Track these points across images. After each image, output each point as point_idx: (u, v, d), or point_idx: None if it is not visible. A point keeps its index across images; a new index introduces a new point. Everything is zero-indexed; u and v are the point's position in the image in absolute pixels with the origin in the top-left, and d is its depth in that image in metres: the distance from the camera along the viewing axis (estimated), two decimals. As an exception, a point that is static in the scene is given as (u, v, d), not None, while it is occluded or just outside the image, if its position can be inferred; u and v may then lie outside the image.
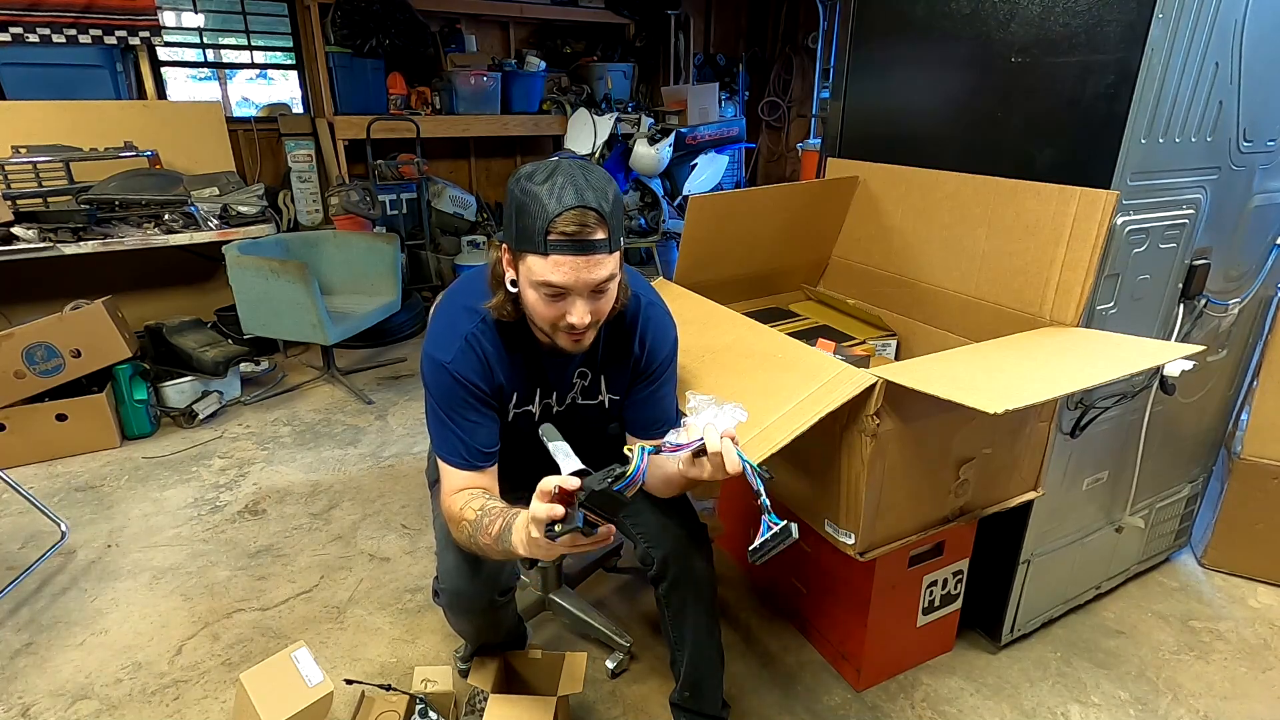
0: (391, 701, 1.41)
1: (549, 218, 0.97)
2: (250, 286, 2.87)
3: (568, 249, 0.99)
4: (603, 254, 1.02)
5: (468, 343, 1.15)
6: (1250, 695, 1.67)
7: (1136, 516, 1.81)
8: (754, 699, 1.63)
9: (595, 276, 1.02)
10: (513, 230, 1.03)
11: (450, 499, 1.16)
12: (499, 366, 1.18)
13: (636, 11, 4.99)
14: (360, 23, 3.80)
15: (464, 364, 1.14)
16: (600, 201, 1.00)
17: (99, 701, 1.62)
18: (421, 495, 2.41)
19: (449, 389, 1.15)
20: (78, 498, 2.40)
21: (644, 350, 1.26)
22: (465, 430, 1.16)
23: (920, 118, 1.70)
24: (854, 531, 1.33)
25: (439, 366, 1.14)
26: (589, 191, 0.99)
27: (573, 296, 1.03)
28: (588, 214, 0.98)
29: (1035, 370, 1.21)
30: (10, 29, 3.17)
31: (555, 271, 1.00)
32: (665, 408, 1.30)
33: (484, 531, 1.06)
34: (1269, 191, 1.59)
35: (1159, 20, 1.21)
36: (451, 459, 1.17)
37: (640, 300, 1.25)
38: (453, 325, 1.16)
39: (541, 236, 0.98)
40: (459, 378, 1.14)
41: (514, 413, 1.27)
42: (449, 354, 1.14)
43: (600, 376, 1.29)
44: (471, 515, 1.10)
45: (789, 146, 5.80)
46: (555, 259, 1.00)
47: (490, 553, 1.09)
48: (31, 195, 2.99)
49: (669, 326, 1.28)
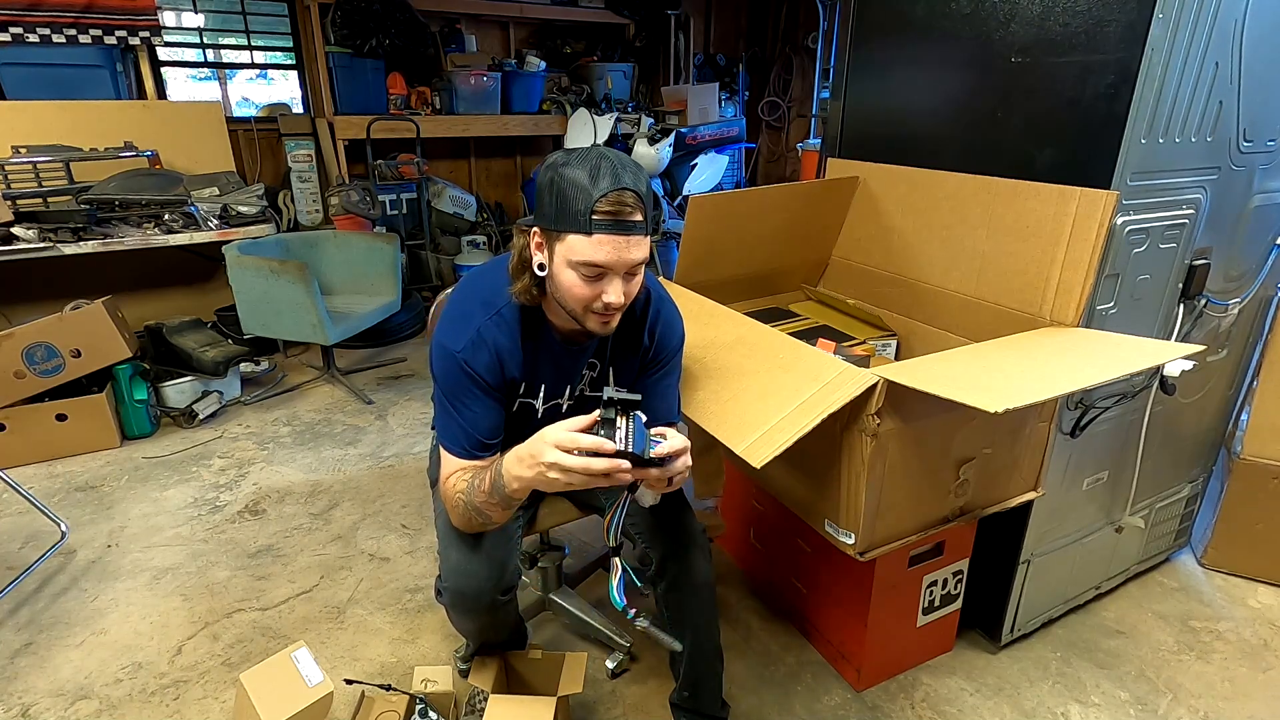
0: (391, 701, 1.41)
1: (593, 199, 1.01)
2: (250, 286, 2.87)
3: (610, 228, 1.02)
4: (640, 235, 1.06)
5: (480, 335, 1.17)
6: (1250, 695, 1.67)
7: (1136, 516, 1.81)
8: (754, 699, 1.63)
9: (634, 257, 1.06)
10: (551, 212, 1.06)
11: (447, 482, 1.19)
12: (510, 360, 1.20)
13: (636, 11, 4.99)
14: (360, 23, 3.80)
15: (474, 356, 1.16)
16: (638, 185, 1.04)
17: (99, 701, 1.62)
18: (421, 495, 2.41)
19: (456, 378, 1.17)
20: (78, 498, 2.40)
21: (654, 341, 1.30)
22: (468, 420, 1.18)
23: (920, 118, 1.70)
24: (854, 531, 1.33)
25: (449, 354, 1.16)
26: (627, 175, 1.03)
27: (611, 276, 1.07)
28: (628, 194, 1.02)
29: (1035, 370, 1.21)
30: (10, 29, 3.17)
31: (598, 250, 1.03)
32: (668, 400, 1.33)
33: (477, 491, 1.11)
34: (1269, 191, 1.59)
35: (1159, 20, 1.21)
36: (452, 447, 1.20)
37: (651, 293, 1.29)
38: (467, 316, 1.18)
39: (586, 216, 1.02)
40: (467, 369, 1.16)
41: (520, 403, 1.29)
42: (460, 344, 1.16)
43: (610, 368, 1.32)
44: (463, 486, 1.14)
45: (789, 146, 5.80)
46: (599, 238, 1.03)
47: (489, 513, 1.12)
48: (31, 195, 2.99)
49: (678, 320, 1.33)
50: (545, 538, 1.75)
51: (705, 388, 1.38)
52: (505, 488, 1.05)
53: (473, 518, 1.15)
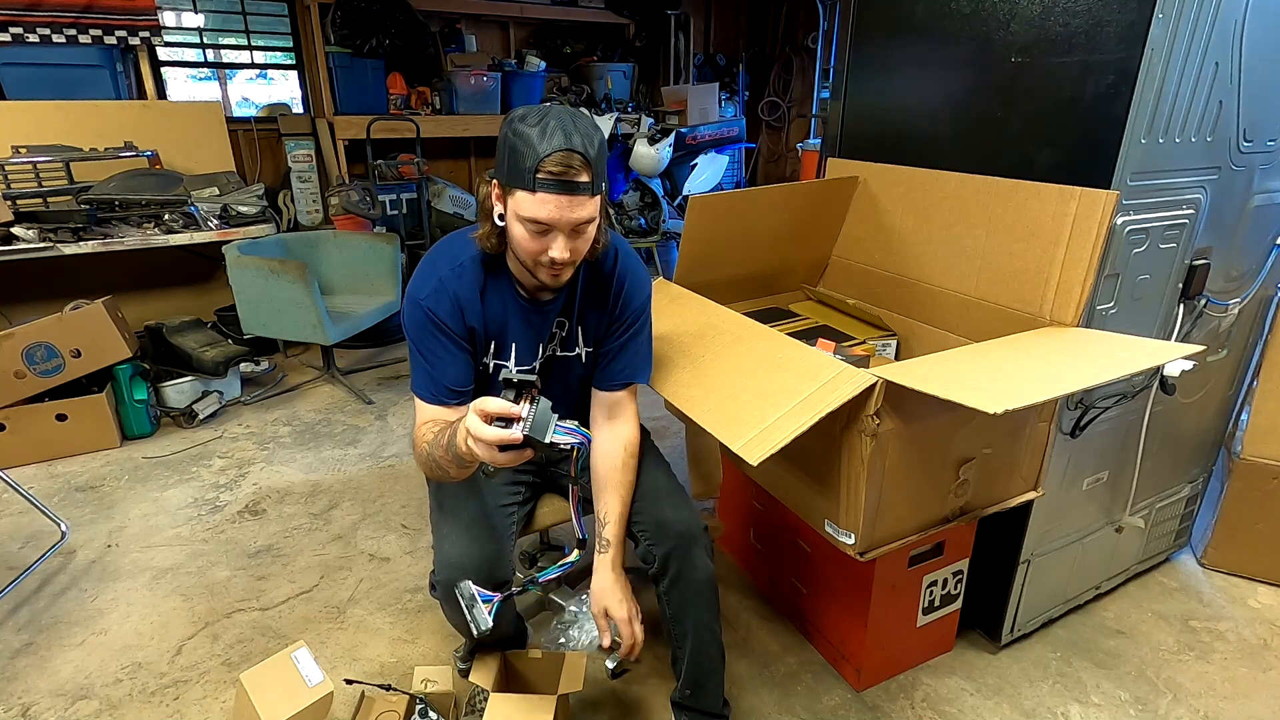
0: (391, 701, 1.41)
1: (538, 158, 1.05)
2: (250, 286, 2.87)
3: (554, 188, 1.07)
4: (585, 195, 1.09)
5: (442, 283, 1.24)
6: (1250, 695, 1.67)
7: (1136, 516, 1.81)
8: (754, 699, 1.63)
9: (577, 216, 1.10)
10: (504, 168, 1.11)
11: (418, 430, 1.24)
12: (470, 309, 1.26)
13: (636, 11, 4.99)
14: (360, 23, 3.80)
15: (437, 303, 1.23)
16: (586, 146, 1.07)
17: (99, 701, 1.62)
18: (421, 495, 2.41)
19: (422, 323, 1.24)
20: (78, 498, 2.40)
21: (619, 298, 1.34)
22: (435, 366, 1.25)
23: (920, 118, 1.70)
24: (854, 531, 1.33)
25: (414, 302, 1.25)
26: (576, 136, 1.06)
27: (555, 233, 1.11)
28: (574, 157, 1.06)
29: (1035, 370, 1.21)
30: (10, 29, 3.17)
31: (541, 208, 1.08)
32: (634, 362, 1.37)
33: (438, 445, 1.14)
34: (1269, 191, 1.59)
35: (1159, 20, 1.21)
36: (423, 393, 1.27)
37: (618, 251, 1.34)
38: (433, 268, 1.27)
39: (531, 175, 1.06)
40: (430, 314, 1.23)
41: (491, 363, 1.33)
42: (424, 292, 1.24)
43: (578, 327, 1.36)
44: (430, 437, 1.18)
45: (789, 146, 5.80)
46: (542, 196, 1.07)
47: (447, 469, 1.15)
48: (31, 195, 2.99)
49: (645, 279, 1.37)
50: (545, 537, 1.75)
51: (703, 386, 1.38)
52: (458, 446, 1.08)
53: (434, 469, 1.19)
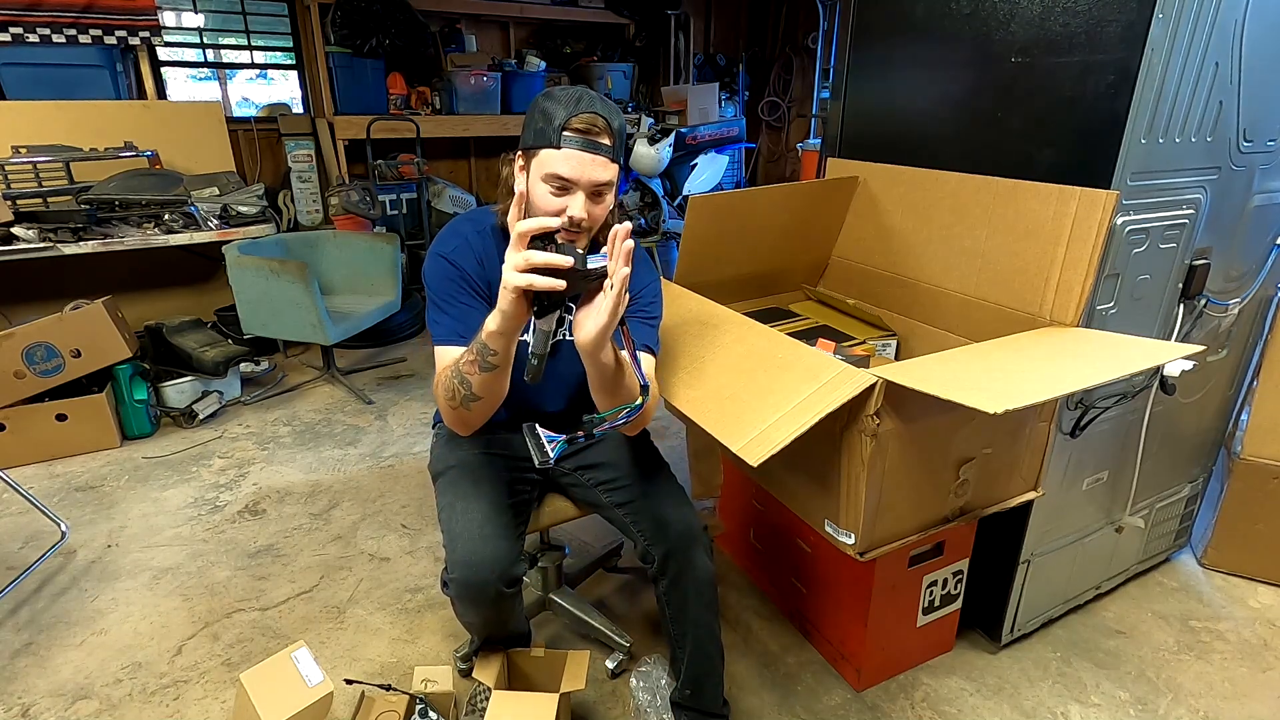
0: (391, 701, 1.41)
1: (567, 115, 1.12)
2: (250, 286, 2.87)
3: (579, 144, 1.13)
4: (606, 157, 1.15)
5: (466, 240, 1.30)
6: (1250, 695, 1.67)
7: (1136, 516, 1.81)
8: (754, 699, 1.63)
9: (598, 177, 1.15)
10: (530, 132, 1.17)
11: (440, 375, 1.24)
12: (490, 266, 1.29)
13: (636, 11, 4.99)
14: (360, 23, 3.80)
15: (461, 255, 1.29)
16: (610, 116, 1.15)
17: (99, 701, 1.62)
18: (421, 495, 2.41)
19: (445, 275, 1.28)
20: (78, 498, 2.40)
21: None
22: (458, 315, 1.27)
23: (920, 118, 1.70)
24: (854, 531, 1.33)
25: (436, 256, 1.29)
26: (600, 105, 1.15)
27: (577, 191, 1.15)
28: (599, 119, 1.13)
29: (1035, 370, 1.21)
30: (10, 29, 3.17)
31: (565, 164, 1.13)
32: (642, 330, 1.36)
33: (463, 366, 1.16)
34: (1269, 191, 1.59)
35: (1159, 20, 1.21)
36: (445, 337, 1.27)
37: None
38: (455, 231, 1.33)
39: (558, 132, 1.13)
40: (454, 262, 1.28)
41: None
42: (448, 247, 1.30)
43: None
44: (451, 369, 1.20)
45: (789, 146, 5.80)
46: (567, 152, 1.13)
47: (469, 377, 1.15)
48: (31, 195, 2.99)
49: (651, 266, 1.41)
50: (545, 537, 1.76)
51: (703, 386, 1.37)
52: (483, 336, 1.10)
53: (456, 390, 1.18)
